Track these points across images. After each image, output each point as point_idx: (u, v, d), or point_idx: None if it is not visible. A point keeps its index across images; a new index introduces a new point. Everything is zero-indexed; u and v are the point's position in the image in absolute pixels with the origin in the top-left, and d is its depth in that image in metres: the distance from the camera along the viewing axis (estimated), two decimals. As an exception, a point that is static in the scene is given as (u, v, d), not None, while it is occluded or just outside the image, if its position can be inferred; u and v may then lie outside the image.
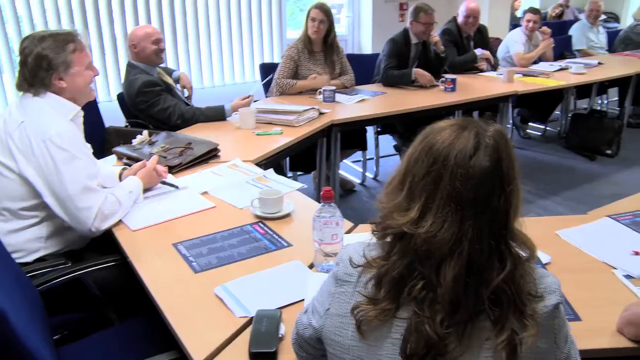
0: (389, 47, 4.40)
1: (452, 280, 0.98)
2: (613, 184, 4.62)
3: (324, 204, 1.62)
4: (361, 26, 7.67)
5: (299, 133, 3.11)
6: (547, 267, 1.74)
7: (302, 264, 1.72)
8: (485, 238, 0.99)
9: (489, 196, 0.99)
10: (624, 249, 1.85)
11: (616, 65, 5.74)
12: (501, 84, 4.55)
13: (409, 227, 1.01)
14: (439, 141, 1.02)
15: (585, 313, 1.52)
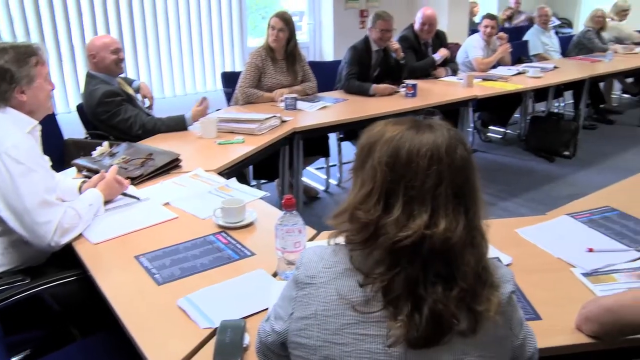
0: (350, 55, 4.43)
1: (470, 269, 1.04)
2: (571, 185, 4.73)
3: (285, 212, 1.63)
4: (322, 33, 7.71)
5: (261, 141, 3.11)
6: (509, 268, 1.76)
7: (266, 272, 1.72)
8: (476, 225, 1.07)
9: (475, 183, 1.07)
10: (581, 247, 1.90)
11: (571, 69, 5.90)
12: (461, 88, 4.63)
13: (423, 232, 1.02)
14: (423, 142, 1.05)
15: (545, 312, 1.56)
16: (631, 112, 7.25)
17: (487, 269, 1.08)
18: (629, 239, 1.98)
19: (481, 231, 1.08)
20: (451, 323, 1.02)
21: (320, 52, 7.75)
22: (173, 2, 6.43)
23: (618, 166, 5.13)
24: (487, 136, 6.07)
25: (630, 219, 2.13)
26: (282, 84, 4.10)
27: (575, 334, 1.47)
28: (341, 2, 7.46)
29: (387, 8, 5.76)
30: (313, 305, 1.09)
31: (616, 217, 2.15)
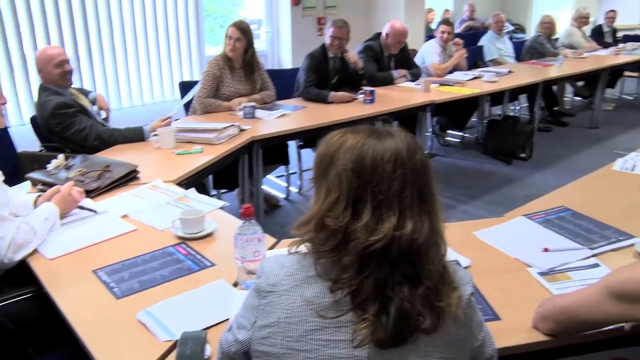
0: (308, 63, 4.45)
1: (439, 266, 1.08)
2: (527, 186, 4.83)
3: (244, 222, 1.63)
4: (280, 41, 7.71)
5: (220, 151, 3.10)
6: (468, 270, 1.79)
7: (226, 282, 1.71)
8: (437, 225, 1.11)
9: (433, 186, 1.11)
10: (537, 247, 1.95)
11: (525, 73, 6.04)
12: (419, 93, 4.68)
13: (392, 235, 1.04)
14: (386, 148, 1.08)
15: (504, 312, 1.59)
16: (583, 115, 7.45)
17: (447, 269, 1.12)
18: (583, 237, 2.03)
19: (441, 232, 1.12)
20: (417, 321, 1.05)
21: (278, 60, 7.76)
22: (129, 11, 6.35)
23: (572, 167, 5.26)
24: (446, 140, 6.16)
25: (584, 219, 2.19)
26: (240, 93, 4.08)
27: (533, 333, 1.51)
28: (299, 10, 7.48)
29: (344, 16, 5.81)
30: (275, 313, 1.09)
31: (570, 217, 2.21)
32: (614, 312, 1.30)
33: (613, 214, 2.23)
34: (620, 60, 7.23)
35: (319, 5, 7.60)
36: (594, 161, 3.79)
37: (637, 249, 1.93)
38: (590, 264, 1.86)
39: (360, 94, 4.35)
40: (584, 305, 1.37)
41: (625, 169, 2.86)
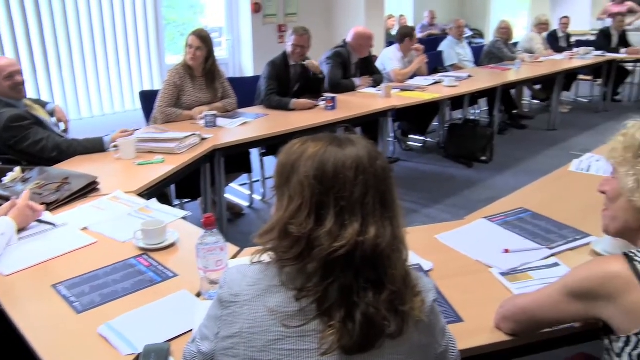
0: (269, 70, 4.45)
1: (402, 271, 1.09)
2: (489, 188, 4.90)
3: (206, 231, 1.62)
4: (242, 49, 7.70)
5: (181, 160, 3.07)
6: (430, 274, 1.82)
7: (189, 293, 1.70)
8: (399, 231, 1.12)
9: (394, 191, 1.13)
10: (498, 248, 1.98)
11: (484, 77, 6.15)
12: (380, 99, 4.72)
13: (356, 240, 1.05)
14: (347, 155, 1.09)
15: (467, 314, 1.61)
16: (541, 117, 7.61)
17: (410, 274, 1.13)
18: (542, 238, 2.07)
19: (402, 237, 1.13)
20: (383, 326, 1.06)
21: (240, 67, 7.74)
22: (86, 19, 6.26)
23: (531, 168, 5.36)
24: (408, 145, 6.21)
25: (542, 219, 2.23)
26: (201, 102, 4.06)
27: (495, 333, 1.53)
28: (259, 18, 7.49)
29: (304, 23, 5.82)
30: (238, 323, 1.09)
31: (529, 218, 2.25)
32: (572, 310, 1.33)
33: (570, 213, 2.28)
34: (575, 64, 7.45)
35: (280, 12, 7.62)
36: (552, 162, 3.87)
37: (592, 247, 1.98)
38: (550, 264, 1.90)
39: (321, 101, 4.36)
40: (543, 305, 1.40)
41: (580, 169, 2.93)
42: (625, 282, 1.21)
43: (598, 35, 8.73)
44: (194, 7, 7.75)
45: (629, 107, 8.43)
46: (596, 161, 3.01)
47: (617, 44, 8.43)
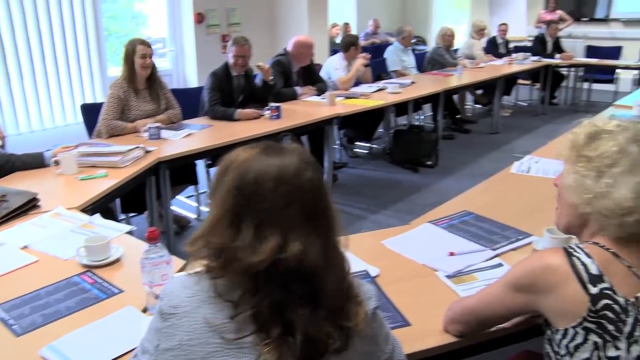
0: (211, 81, 4.42)
1: (335, 288, 1.06)
2: (435, 192, 4.98)
3: (150, 246, 1.59)
4: (185, 60, 7.61)
5: (125, 174, 3.01)
6: (377, 280, 1.83)
7: (135, 309, 1.66)
8: (333, 244, 1.09)
9: (325, 205, 1.09)
10: (443, 251, 2.01)
11: (427, 83, 6.26)
12: (324, 107, 4.74)
13: (275, 256, 1.02)
14: (269, 165, 1.06)
15: (414, 318, 1.63)
16: (484, 121, 7.81)
17: (352, 286, 1.12)
18: (485, 239, 2.12)
19: (339, 250, 1.11)
20: (326, 343, 1.04)
21: (183, 78, 7.65)
22: (22, 31, 6.08)
23: (475, 172, 5.47)
24: (354, 152, 6.26)
25: (485, 221, 2.29)
26: (146, 114, 3.99)
27: (443, 335, 1.56)
28: (202, 28, 7.42)
29: (248, 33, 5.80)
30: (178, 335, 1.07)
31: (473, 220, 2.30)
32: (517, 304, 1.36)
33: (512, 214, 2.34)
34: (514, 69, 7.70)
35: (223, 23, 7.57)
36: (495, 165, 3.96)
37: (534, 247, 2.04)
38: (494, 264, 1.95)
39: (266, 110, 4.36)
40: (488, 303, 1.43)
41: (521, 171, 3.02)
42: (563, 275, 1.25)
43: (534, 41, 9.04)
44: (136, 18, 7.64)
45: (565, 110, 8.75)
46: (535, 162, 3.11)
47: (552, 50, 8.75)
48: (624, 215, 1.26)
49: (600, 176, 1.30)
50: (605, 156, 1.30)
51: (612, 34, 10.46)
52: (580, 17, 10.89)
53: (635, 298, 1.23)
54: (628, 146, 1.29)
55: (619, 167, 1.28)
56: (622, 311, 1.22)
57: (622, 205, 1.26)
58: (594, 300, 1.22)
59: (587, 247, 1.30)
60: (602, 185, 1.29)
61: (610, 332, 1.22)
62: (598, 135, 1.34)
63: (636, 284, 1.24)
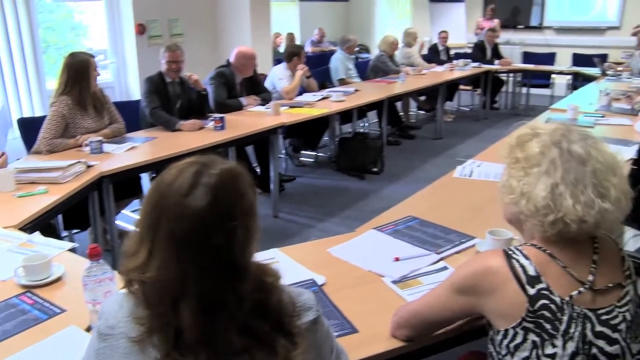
0: (147, 87, 4.38)
1: (189, 321, 0.99)
2: (382, 199, 5.03)
3: (92, 263, 1.56)
4: (127, 72, 7.49)
5: (66, 190, 2.93)
6: (323, 287, 1.84)
7: (79, 329, 1.62)
8: (210, 277, 1.00)
9: (207, 235, 1.00)
10: (388, 257, 2.04)
11: (370, 91, 6.34)
12: (269, 117, 4.74)
13: (138, 274, 1.01)
14: (163, 181, 1.04)
15: (361, 324, 1.64)
16: (427, 127, 7.95)
17: (283, 304, 1.08)
18: (430, 243, 2.15)
19: (246, 273, 1.05)
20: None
21: (126, 91, 7.52)
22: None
23: (420, 177, 5.56)
24: (300, 161, 6.27)
25: (430, 226, 2.32)
26: (90, 130, 3.88)
27: (391, 341, 1.57)
28: (144, 39, 7.32)
29: (190, 43, 5.76)
30: (114, 357, 1.05)
31: (417, 225, 2.34)
32: (460, 307, 1.39)
33: (455, 218, 2.39)
34: (455, 75, 7.88)
35: (165, 34, 7.48)
36: (439, 170, 4.04)
37: (477, 249, 2.09)
38: (439, 268, 1.98)
39: (210, 121, 4.33)
40: (433, 306, 1.46)
41: (464, 175, 3.08)
42: (503, 277, 1.29)
43: (474, 48, 9.29)
44: (76, 29, 7.47)
45: (506, 114, 9.00)
46: (477, 166, 3.18)
47: (491, 56, 9.02)
48: (543, 215, 1.31)
49: (524, 176, 1.35)
50: (529, 157, 1.35)
51: (546, 41, 10.85)
52: (517, 25, 11.26)
53: (569, 297, 1.27)
54: (550, 148, 1.33)
55: (538, 167, 1.33)
56: (558, 310, 1.26)
57: (538, 206, 1.31)
58: (532, 301, 1.26)
59: (525, 248, 1.34)
60: (524, 186, 1.34)
61: (548, 331, 1.26)
62: (528, 138, 1.39)
63: (571, 284, 1.29)
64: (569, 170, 1.30)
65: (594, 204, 1.27)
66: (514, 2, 11.31)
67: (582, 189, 1.28)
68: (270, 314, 1.05)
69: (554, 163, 1.31)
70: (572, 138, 1.34)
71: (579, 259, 1.32)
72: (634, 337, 1.32)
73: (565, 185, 1.29)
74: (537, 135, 1.38)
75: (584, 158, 1.31)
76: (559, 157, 1.31)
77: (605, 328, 1.28)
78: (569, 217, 1.28)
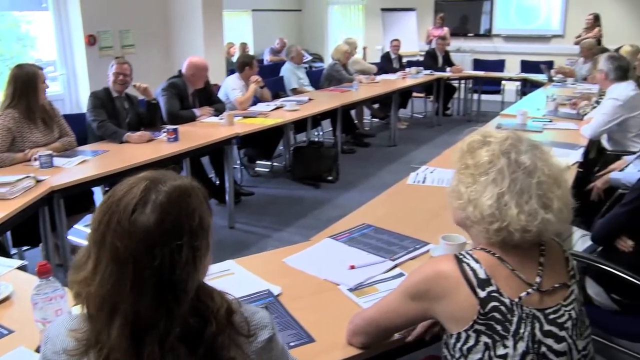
0: (92, 101, 4.29)
1: (116, 340, 0.96)
2: (337, 207, 5.05)
3: (41, 280, 1.52)
4: (78, 83, 7.36)
5: (15, 205, 2.84)
6: (280, 298, 1.84)
7: (28, 350, 1.57)
8: (147, 295, 0.97)
9: (149, 253, 0.97)
10: (344, 265, 2.05)
11: (324, 99, 6.37)
12: (223, 128, 4.71)
13: (82, 286, 0.99)
14: (113, 196, 1.02)
15: (318, 333, 1.64)
16: (382, 135, 8.03)
17: (234, 322, 1.07)
18: (385, 250, 2.18)
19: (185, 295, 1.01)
20: None
21: (77, 103, 7.38)
22: None
23: (375, 184, 5.59)
24: (255, 171, 6.25)
25: (384, 233, 2.35)
26: (39, 144, 3.78)
27: (348, 348, 1.58)
28: (95, 50, 7.20)
29: (142, 55, 5.69)
30: None
31: (372, 233, 2.36)
32: (413, 312, 1.41)
33: (409, 224, 2.42)
34: (408, 83, 8.01)
35: (116, 44, 7.38)
36: (394, 177, 4.07)
37: (431, 254, 2.12)
38: (395, 274, 2.00)
39: (162, 133, 4.27)
40: (387, 312, 1.47)
41: (417, 181, 3.12)
42: (455, 281, 1.32)
43: (425, 56, 9.45)
44: (23, 39, 7.31)
45: (458, 120, 9.18)
46: (430, 172, 3.23)
47: (443, 64, 9.19)
48: (488, 223, 1.34)
49: (473, 184, 1.38)
50: (478, 165, 1.39)
51: (496, 49, 11.13)
52: (466, 33, 11.51)
53: (518, 298, 1.31)
54: (499, 157, 1.37)
55: (487, 176, 1.36)
56: (508, 311, 1.30)
57: (484, 214, 1.34)
58: (483, 304, 1.29)
59: (475, 252, 1.37)
60: (471, 193, 1.38)
61: (499, 332, 1.29)
62: (478, 145, 1.43)
63: (519, 286, 1.33)
64: (515, 181, 1.34)
65: (537, 215, 1.32)
66: (464, 11, 11.57)
67: (527, 200, 1.33)
68: (201, 345, 1.02)
69: (501, 173, 1.35)
70: (521, 148, 1.38)
71: (526, 262, 1.36)
72: (579, 334, 1.37)
73: (510, 195, 1.33)
74: (487, 143, 1.41)
75: (530, 169, 1.35)
76: (507, 167, 1.35)
77: (553, 327, 1.32)
78: (513, 226, 1.32)
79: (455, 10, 11.48)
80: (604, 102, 4.26)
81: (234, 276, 1.97)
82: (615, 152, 4.03)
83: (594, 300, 2.45)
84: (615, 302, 2.41)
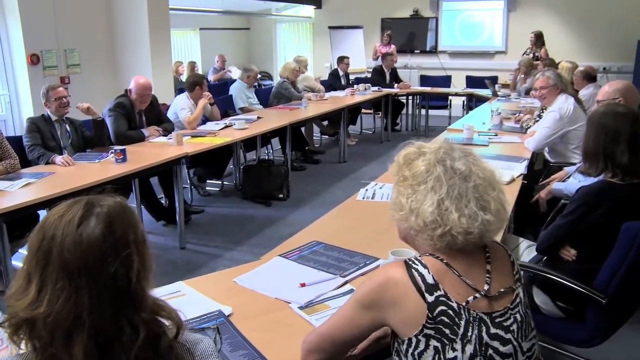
0: (27, 126, 4.25)
1: (81, 356, 0.96)
2: (289, 225, 5.05)
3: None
4: (20, 104, 7.17)
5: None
6: (231, 318, 1.83)
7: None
8: (106, 306, 0.99)
9: (101, 262, 0.99)
10: (294, 283, 2.05)
11: (273, 117, 6.39)
12: (171, 147, 4.67)
13: (28, 311, 0.98)
14: (51, 216, 1.03)
15: (271, 353, 1.64)
16: (332, 151, 8.10)
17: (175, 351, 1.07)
18: (335, 267, 2.19)
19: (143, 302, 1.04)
20: None
21: (20, 124, 7.17)
22: None
23: (326, 201, 5.62)
24: (205, 190, 6.19)
25: (334, 249, 2.37)
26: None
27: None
28: (38, 70, 7.04)
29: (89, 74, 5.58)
30: None
31: (322, 250, 2.37)
32: (366, 321, 1.43)
33: (359, 240, 2.44)
34: (356, 99, 8.11)
35: (61, 64, 7.23)
36: (345, 193, 4.12)
37: (381, 270, 2.14)
38: (345, 291, 2.02)
39: (110, 154, 4.21)
40: (341, 325, 1.48)
41: (366, 197, 3.16)
42: (404, 287, 1.34)
43: (373, 72, 9.60)
44: (-39, 60, 7.11)
45: (407, 135, 9.32)
46: (379, 188, 3.27)
47: (390, 80, 9.35)
48: (431, 229, 1.39)
49: (413, 194, 1.43)
50: (416, 175, 1.44)
51: (442, 65, 11.40)
52: (413, 50, 11.74)
53: (466, 302, 1.35)
54: (434, 166, 1.42)
55: (425, 185, 1.41)
56: (456, 315, 1.33)
57: (427, 221, 1.39)
58: (431, 308, 1.32)
59: (424, 258, 1.40)
60: (412, 203, 1.42)
61: (448, 336, 1.33)
62: (414, 156, 1.48)
63: (466, 290, 1.37)
64: (453, 186, 1.39)
65: (477, 217, 1.37)
66: (410, 28, 11.80)
67: (466, 203, 1.38)
68: (161, 354, 1.04)
69: (439, 180, 1.40)
70: (455, 156, 1.44)
71: (473, 268, 1.40)
72: (524, 336, 1.41)
73: (450, 200, 1.38)
74: (422, 154, 1.47)
75: (466, 174, 1.41)
76: (444, 174, 1.40)
77: (499, 330, 1.37)
78: (456, 229, 1.37)
79: (401, 27, 11.70)
80: (546, 115, 4.41)
81: (185, 297, 1.96)
82: (558, 164, 4.17)
83: (541, 309, 2.52)
84: (560, 309, 2.49)
